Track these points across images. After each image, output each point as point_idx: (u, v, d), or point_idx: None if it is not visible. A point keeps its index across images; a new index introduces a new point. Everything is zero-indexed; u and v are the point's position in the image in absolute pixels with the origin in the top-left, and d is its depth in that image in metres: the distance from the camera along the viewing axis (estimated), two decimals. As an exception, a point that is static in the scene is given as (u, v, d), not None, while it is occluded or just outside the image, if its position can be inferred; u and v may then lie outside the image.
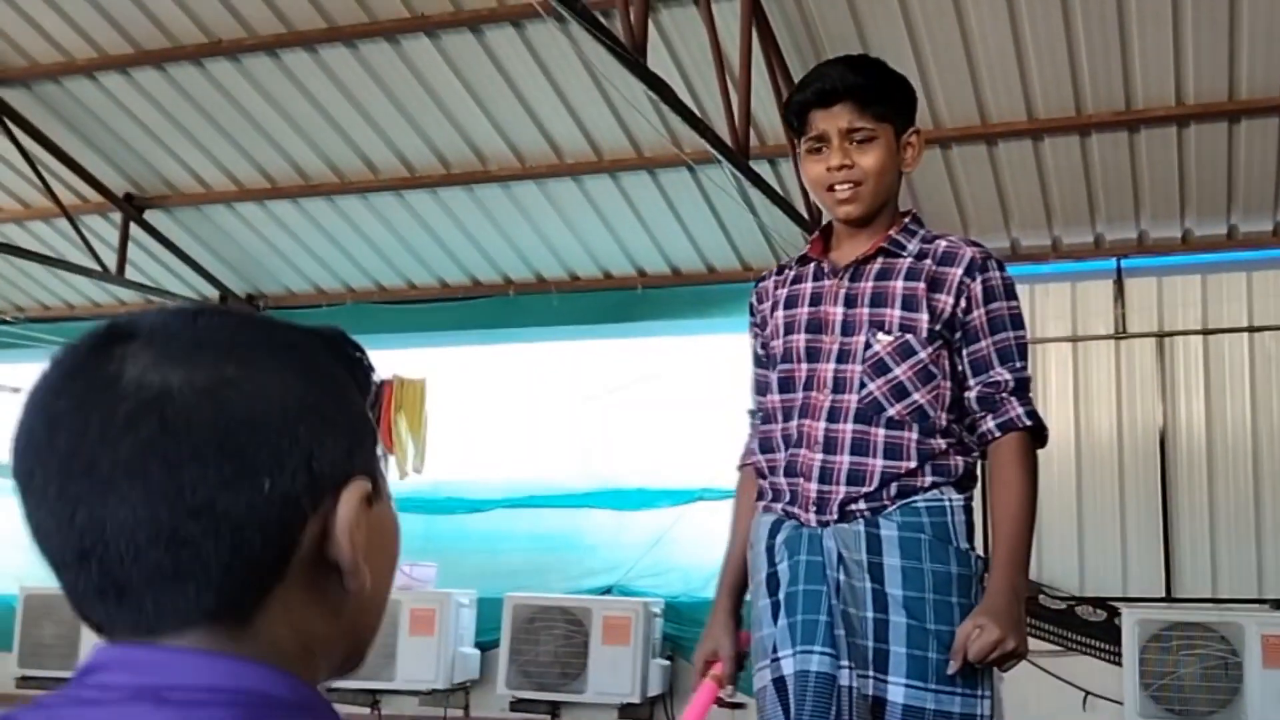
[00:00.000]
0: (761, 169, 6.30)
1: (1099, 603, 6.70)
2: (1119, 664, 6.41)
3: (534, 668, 7.12)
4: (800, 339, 2.33)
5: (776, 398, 2.36)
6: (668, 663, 7.24)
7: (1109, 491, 6.84)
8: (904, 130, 2.32)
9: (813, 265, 2.39)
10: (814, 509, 2.25)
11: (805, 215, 6.43)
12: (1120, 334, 6.96)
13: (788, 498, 2.30)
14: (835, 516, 2.23)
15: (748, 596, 2.42)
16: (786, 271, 2.45)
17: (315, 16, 6.24)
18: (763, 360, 2.46)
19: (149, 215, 7.94)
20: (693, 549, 7.60)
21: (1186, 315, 6.90)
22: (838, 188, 2.29)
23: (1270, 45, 5.71)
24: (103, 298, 9.01)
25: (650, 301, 7.84)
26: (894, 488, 2.22)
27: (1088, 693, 6.60)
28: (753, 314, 2.50)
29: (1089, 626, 6.68)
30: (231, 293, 8.56)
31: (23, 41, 6.68)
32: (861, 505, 2.22)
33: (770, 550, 2.30)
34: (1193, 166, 6.42)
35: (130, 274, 7.98)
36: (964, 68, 6.03)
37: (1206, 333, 6.84)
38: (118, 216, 7.87)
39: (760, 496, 2.38)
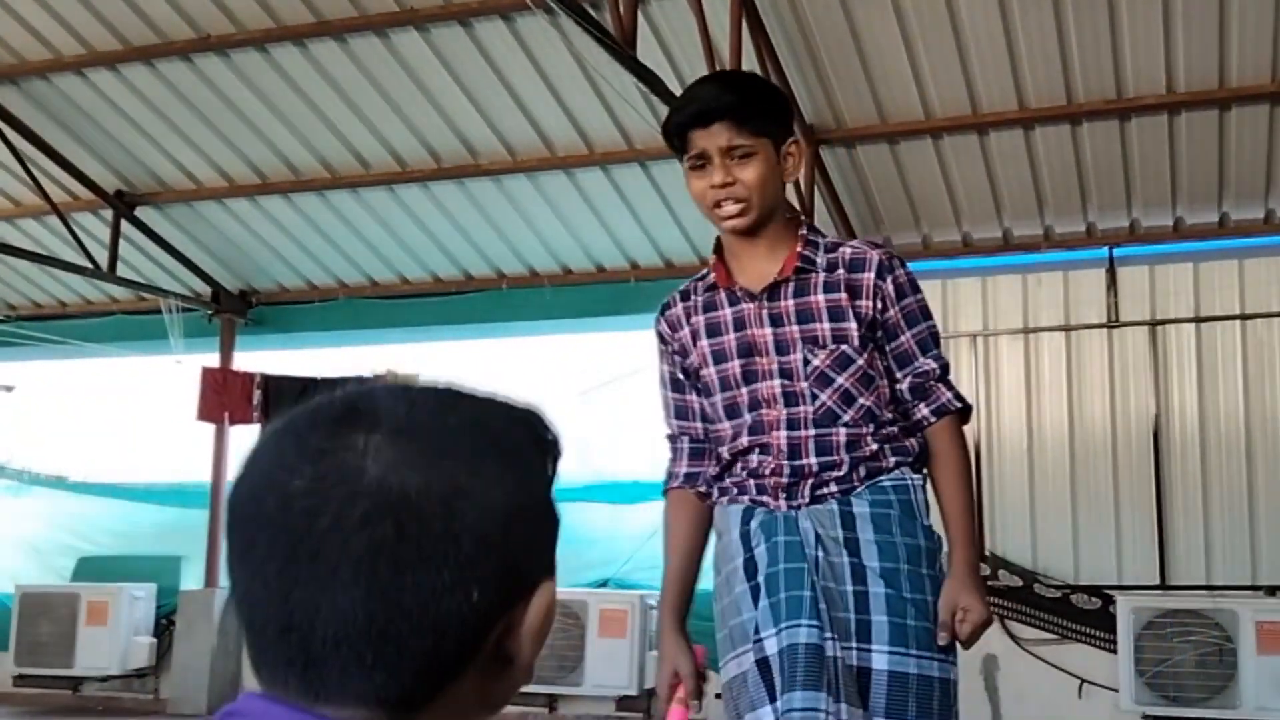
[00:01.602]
0: (753, 160, 6.29)
1: (1094, 591, 6.72)
2: (1114, 652, 6.43)
3: (530, 661, 7.13)
4: (734, 365, 2.38)
5: (726, 424, 2.41)
6: (664, 655, 7.24)
7: (1103, 480, 6.85)
8: (783, 141, 2.36)
9: (724, 293, 2.43)
10: (784, 495, 2.32)
11: (797, 207, 6.42)
12: (1113, 323, 6.96)
13: (754, 490, 2.36)
14: (807, 499, 2.31)
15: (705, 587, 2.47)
16: (694, 297, 2.48)
17: (304, 11, 6.22)
18: (682, 384, 2.49)
19: (140, 212, 7.92)
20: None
21: (1179, 303, 6.91)
22: (723, 204, 2.34)
23: (1260, 32, 5.71)
24: (95, 295, 8.99)
25: (643, 293, 7.80)
26: (862, 469, 2.32)
27: (1083, 680, 6.62)
28: (665, 341, 2.52)
29: (1084, 615, 6.69)
30: (224, 289, 8.55)
31: (11, 39, 6.65)
32: (833, 488, 2.31)
33: (745, 536, 2.35)
34: (1184, 154, 6.42)
35: (122, 271, 7.96)
36: (954, 57, 6.03)
37: (1199, 320, 6.85)
38: (109, 214, 7.85)
39: (723, 494, 2.43)
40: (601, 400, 8.10)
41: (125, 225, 7.86)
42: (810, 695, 2.13)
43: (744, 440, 2.36)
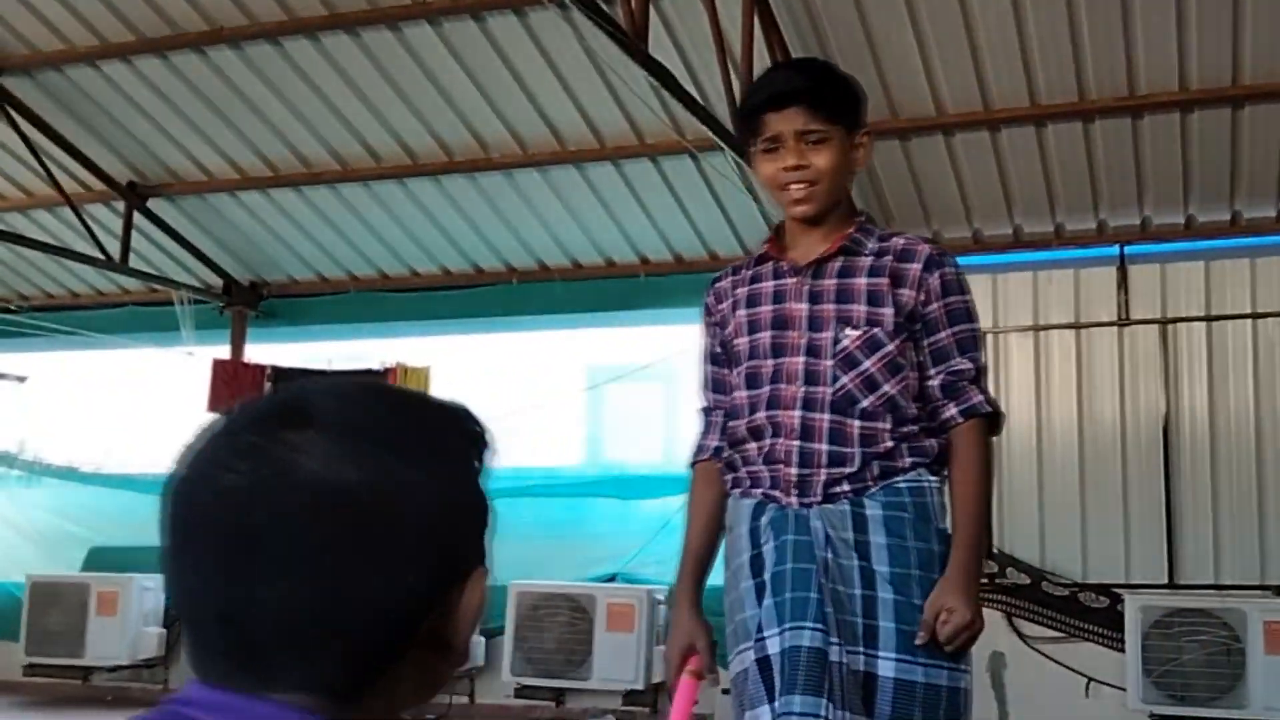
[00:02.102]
0: (764, 156, 6.28)
1: (1102, 589, 6.70)
2: (1122, 650, 6.42)
3: (538, 655, 7.15)
4: (766, 336, 2.39)
5: (744, 394, 2.41)
6: (671, 649, 7.25)
7: (1112, 478, 6.84)
8: (854, 131, 2.39)
9: (771, 264, 2.45)
10: (796, 492, 2.30)
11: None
12: (1123, 321, 6.95)
13: (767, 483, 2.34)
14: (819, 498, 2.29)
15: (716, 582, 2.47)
16: (743, 271, 2.51)
17: (317, 4, 6.23)
18: (720, 359, 2.51)
19: (152, 203, 7.95)
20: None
21: (1190, 302, 6.88)
22: (792, 187, 2.35)
23: (1274, 30, 5.69)
24: (107, 286, 9.02)
25: (653, 289, 7.83)
26: (876, 468, 2.29)
27: (1090, 679, 6.61)
28: (710, 313, 2.55)
29: (1092, 613, 6.68)
30: (235, 281, 8.57)
31: (25, 30, 6.68)
32: (845, 486, 2.28)
33: (754, 532, 2.34)
34: (1196, 152, 6.40)
35: (134, 262, 7.99)
36: (966, 53, 6.01)
37: (1210, 319, 6.82)
38: (121, 205, 7.88)
39: (736, 485, 2.42)
40: (610, 394, 8.10)
41: (137, 217, 7.89)
42: (810, 700, 2.12)
43: (760, 415, 2.35)
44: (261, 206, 7.96)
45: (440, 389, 8.08)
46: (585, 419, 8.23)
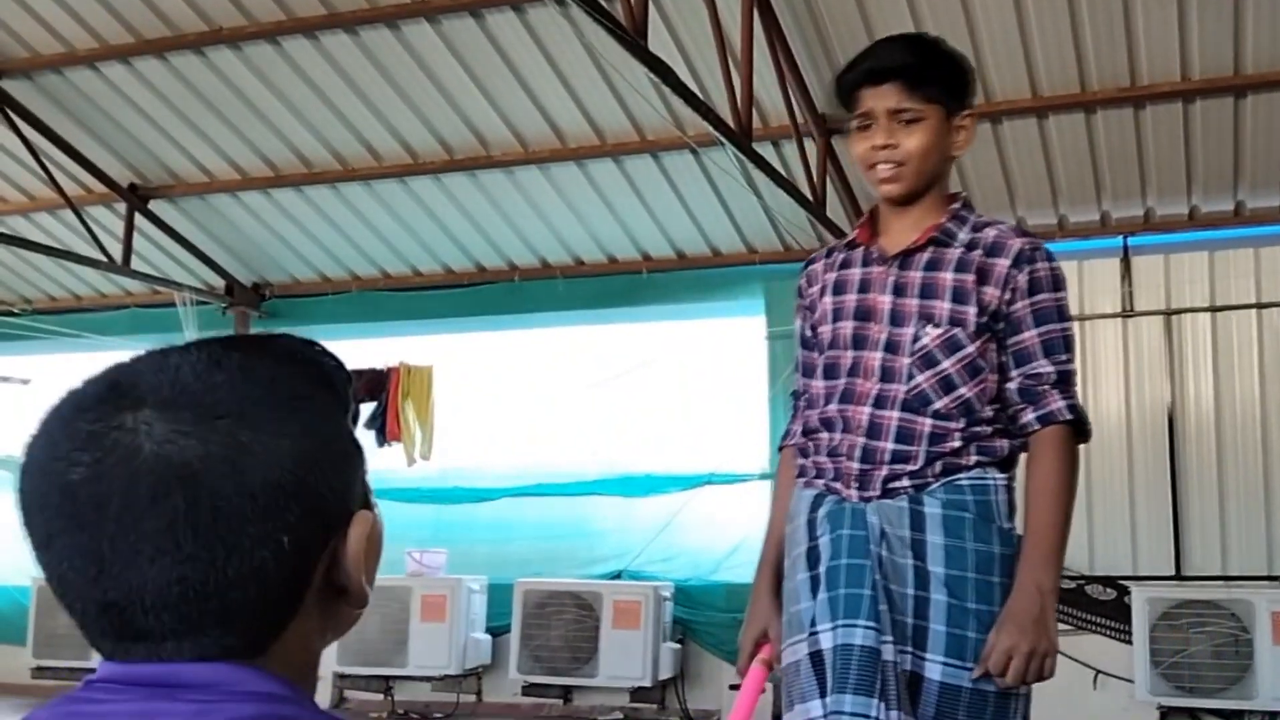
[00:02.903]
0: (765, 151, 6.28)
1: (1109, 581, 6.69)
2: (1129, 642, 6.41)
3: (545, 652, 7.15)
4: (848, 326, 2.33)
5: (820, 384, 2.35)
6: (678, 646, 7.26)
7: (1118, 470, 6.83)
8: (955, 113, 2.29)
9: (861, 251, 2.38)
10: (856, 485, 2.24)
11: (809, 197, 6.41)
12: (1128, 312, 6.93)
13: (830, 474, 2.29)
14: (878, 492, 2.22)
15: None
16: (835, 255, 2.44)
17: (315, 3, 6.23)
18: (810, 342, 2.45)
19: (153, 205, 7.94)
20: (701, 533, 7.61)
21: (1194, 293, 6.87)
22: (880, 166, 2.27)
23: (1276, 19, 5.67)
24: (109, 289, 9.02)
25: (655, 285, 7.83)
26: (939, 465, 2.21)
27: (1098, 671, 6.60)
28: (801, 296, 2.50)
29: (1099, 605, 6.67)
30: (237, 282, 8.56)
31: (24, 32, 6.67)
32: (905, 482, 2.21)
33: (811, 524, 2.29)
34: (1199, 143, 6.39)
35: (136, 264, 7.99)
36: (967, 46, 5.98)
37: (1214, 310, 6.81)
38: (122, 207, 7.87)
39: (802, 474, 2.37)
40: (613, 392, 8.09)
41: (139, 218, 7.88)
42: (861, 700, 2.07)
43: (832, 407, 2.30)
44: (263, 207, 7.96)
45: (443, 388, 8.07)
46: (589, 417, 8.22)
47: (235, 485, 0.78)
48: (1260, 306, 6.75)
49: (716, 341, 7.88)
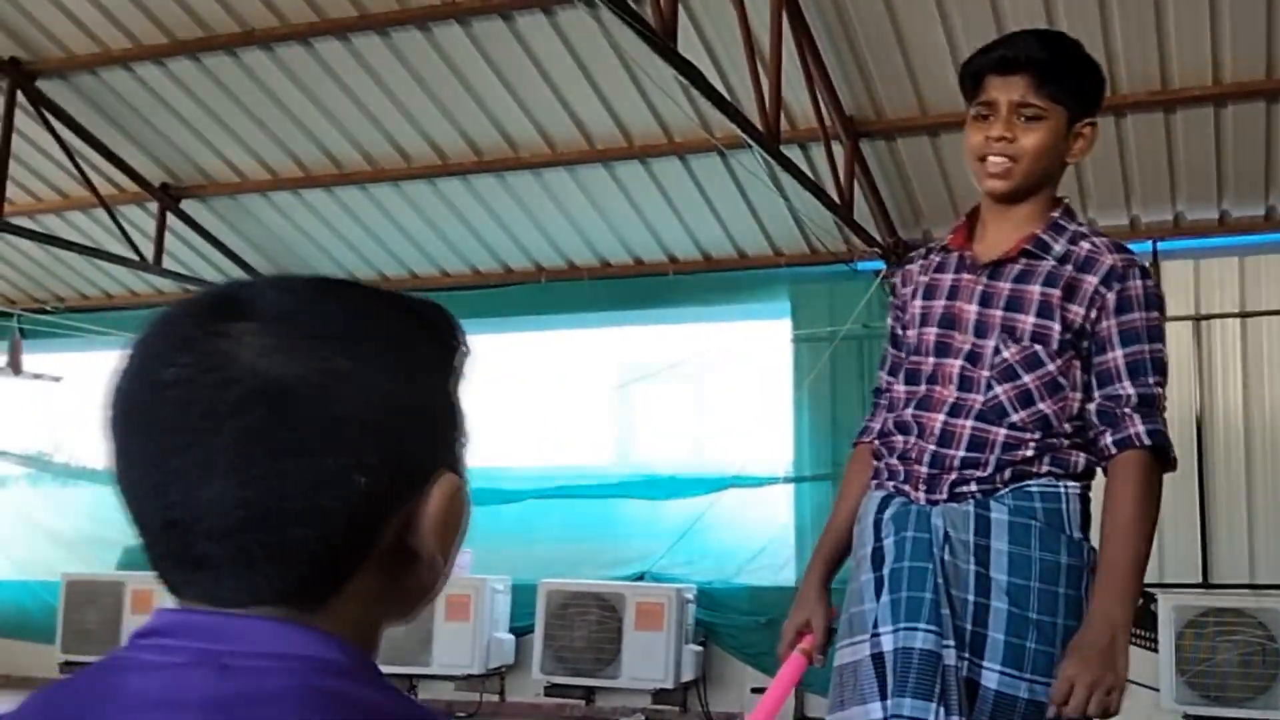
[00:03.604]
0: (793, 153, 6.27)
1: (1135, 588, 6.64)
2: (1155, 650, 6.37)
3: (568, 653, 7.16)
4: (932, 333, 2.29)
5: (901, 388, 2.33)
6: (700, 648, 7.26)
7: (1145, 476, 6.77)
8: (1078, 118, 2.23)
9: (955, 256, 2.33)
10: (924, 488, 2.22)
11: (836, 200, 6.40)
12: (1156, 317, 6.88)
13: (900, 477, 2.27)
14: (945, 496, 2.19)
15: (842, 572, 2.41)
16: (932, 256, 2.39)
17: (347, 5, 6.27)
18: (900, 342, 2.42)
19: (185, 205, 8.01)
20: (725, 536, 7.61)
21: (1224, 298, 6.82)
22: (991, 159, 2.21)
23: (1309, 23, 5.63)
24: (140, 287, 9.10)
25: (682, 287, 7.83)
26: (1008, 472, 2.17)
27: (1124, 678, 6.55)
28: (894, 295, 2.48)
29: (1125, 612, 6.62)
30: (266, 281, 8.62)
31: (59, 33, 6.74)
32: (973, 487, 2.18)
33: (877, 525, 2.27)
34: (1230, 147, 6.34)
35: (167, 263, 8.06)
36: (997, 49, 5.97)
37: (1244, 315, 6.76)
38: (154, 206, 7.95)
39: (875, 475, 2.35)
40: (639, 394, 8.10)
41: (170, 218, 7.96)
42: (920, 705, 2.06)
43: (909, 412, 2.27)
44: (293, 207, 8.01)
45: (469, 388, 8.09)
46: (614, 418, 8.24)
47: (322, 410, 0.75)
48: (1291, 313, 6.70)
49: (742, 344, 7.88)
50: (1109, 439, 2.17)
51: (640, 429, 8.26)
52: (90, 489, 9.40)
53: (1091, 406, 2.19)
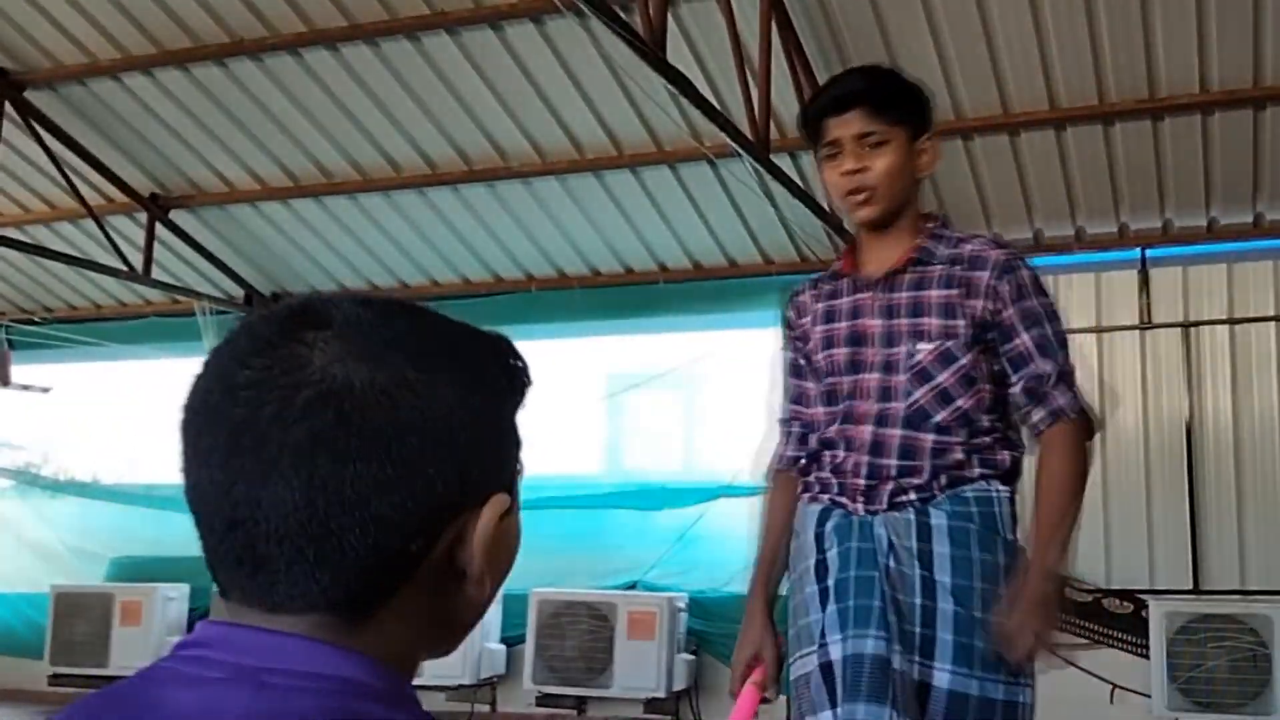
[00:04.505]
0: (782, 162, 6.29)
1: (1126, 595, 6.66)
2: (1146, 657, 6.38)
3: (560, 663, 7.15)
4: (842, 352, 2.38)
5: (820, 410, 2.41)
6: (693, 657, 7.25)
7: (1135, 483, 6.80)
8: (919, 135, 2.37)
9: (847, 280, 2.43)
10: (862, 499, 2.30)
11: (826, 208, 6.41)
12: (1145, 324, 6.91)
13: (835, 489, 2.34)
14: (885, 506, 2.27)
15: (782, 592, 2.45)
16: (821, 285, 2.50)
17: (336, 15, 6.26)
18: (802, 371, 2.50)
19: (174, 215, 8.00)
20: (717, 545, 7.60)
21: (1213, 304, 6.85)
22: (852, 193, 2.34)
23: (1295, 31, 5.66)
24: (129, 298, 9.08)
25: (672, 296, 7.84)
26: (944, 478, 2.26)
27: (1115, 685, 6.57)
28: (791, 327, 2.54)
29: (1116, 619, 6.64)
30: (257, 291, 8.61)
31: (47, 44, 6.73)
32: (911, 495, 2.26)
33: (819, 538, 2.33)
34: (1218, 154, 6.37)
35: (156, 274, 8.04)
36: (985, 57, 6.00)
37: (1233, 322, 6.78)
38: (143, 217, 7.93)
39: (806, 490, 2.41)
40: (629, 402, 8.10)
41: (159, 228, 7.94)
42: (874, 709, 2.11)
43: (833, 430, 2.35)
44: (282, 217, 8.00)
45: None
46: (604, 427, 8.23)
47: (388, 418, 0.77)
48: (1279, 319, 6.71)
49: (733, 352, 7.89)
50: (1040, 414, 2.29)
51: (631, 438, 8.25)
52: (78, 502, 9.37)
53: (1015, 389, 2.30)
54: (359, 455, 0.76)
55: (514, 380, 0.89)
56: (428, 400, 0.79)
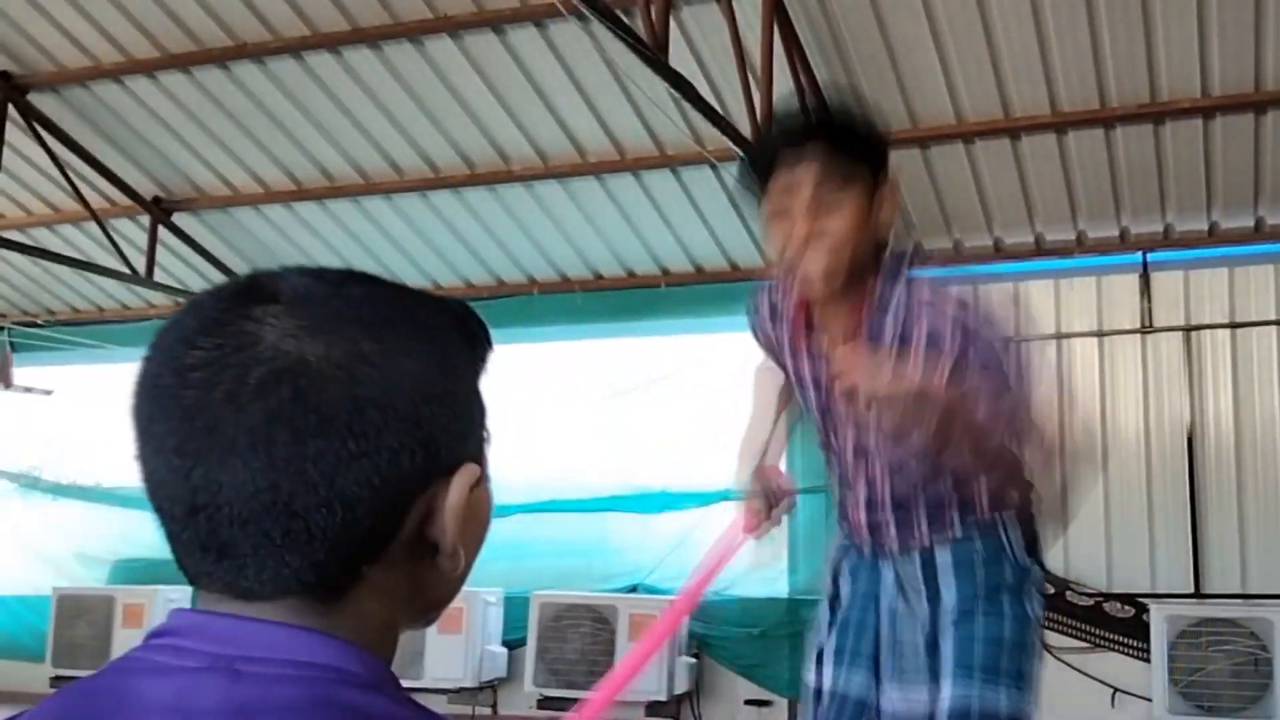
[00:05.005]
0: (784, 166, 6.29)
1: (1127, 599, 6.66)
2: (1148, 660, 6.38)
3: (561, 665, 7.15)
4: (818, 398, 2.31)
5: (820, 438, 2.40)
6: (694, 660, 7.25)
7: (1136, 487, 6.80)
8: (878, 183, 2.11)
9: (802, 346, 2.28)
10: (868, 548, 2.36)
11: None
12: (1147, 328, 6.91)
13: (852, 533, 2.39)
14: (895, 551, 2.32)
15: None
16: (778, 322, 2.34)
17: (339, 18, 6.28)
18: (776, 359, 2.46)
19: (177, 218, 8.01)
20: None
21: (1214, 309, 6.85)
22: (802, 263, 2.10)
23: (1297, 36, 5.66)
24: (132, 301, 9.09)
25: (674, 299, 7.85)
26: (950, 521, 2.25)
27: (1116, 689, 6.57)
28: (756, 334, 2.47)
29: (1117, 623, 6.64)
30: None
31: (51, 47, 6.75)
32: (917, 539, 2.28)
33: (837, 571, 2.42)
34: (1219, 158, 6.37)
35: (159, 277, 8.05)
36: (986, 61, 6.00)
37: (1234, 326, 6.78)
38: (146, 220, 7.95)
39: (839, 519, 2.43)
40: (631, 406, 8.09)
41: (162, 231, 7.95)
42: None
43: (836, 474, 2.39)
44: (285, 220, 8.01)
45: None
46: (606, 430, 8.23)
47: (346, 392, 0.75)
48: (1281, 323, 6.72)
49: (734, 356, 7.88)
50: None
51: (632, 441, 8.25)
52: (79, 505, 9.37)
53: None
54: (319, 432, 0.74)
55: (475, 347, 0.87)
56: (386, 372, 0.77)
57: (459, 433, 0.82)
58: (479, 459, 0.84)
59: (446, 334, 0.84)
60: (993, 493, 2.24)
